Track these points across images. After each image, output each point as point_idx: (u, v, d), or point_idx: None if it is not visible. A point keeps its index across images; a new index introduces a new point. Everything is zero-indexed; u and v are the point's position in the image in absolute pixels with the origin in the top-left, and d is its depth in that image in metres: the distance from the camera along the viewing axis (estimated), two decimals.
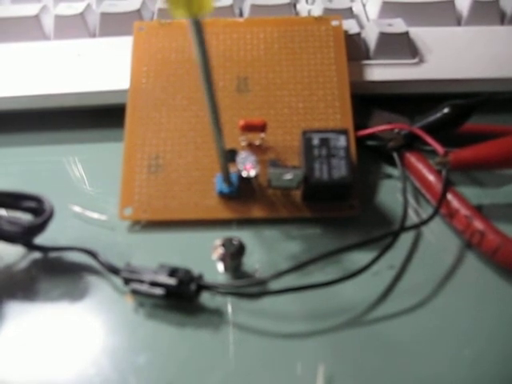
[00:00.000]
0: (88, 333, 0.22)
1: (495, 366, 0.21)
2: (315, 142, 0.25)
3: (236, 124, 0.26)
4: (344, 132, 0.25)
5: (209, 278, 0.22)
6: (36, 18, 0.32)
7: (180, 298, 0.22)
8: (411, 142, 0.27)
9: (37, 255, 0.25)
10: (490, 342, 0.21)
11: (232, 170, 0.25)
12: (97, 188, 0.28)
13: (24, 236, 0.23)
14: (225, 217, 0.25)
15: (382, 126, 0.27)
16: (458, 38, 0.31)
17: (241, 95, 0.28)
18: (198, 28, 0.17)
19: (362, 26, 0.32)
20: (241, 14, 0.33)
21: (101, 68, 0.30)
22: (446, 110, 0.26)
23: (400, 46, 0.30)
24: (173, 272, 0.22)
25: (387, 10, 0.32)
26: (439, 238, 0.25)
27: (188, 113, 0.28)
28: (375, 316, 0.22)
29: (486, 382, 0.20)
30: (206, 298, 0.23)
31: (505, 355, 0.21)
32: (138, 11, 0.32)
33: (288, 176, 0.24)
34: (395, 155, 0.27)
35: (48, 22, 0.32)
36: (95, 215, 0.26)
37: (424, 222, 0.24)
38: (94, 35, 0.32)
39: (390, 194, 0.27)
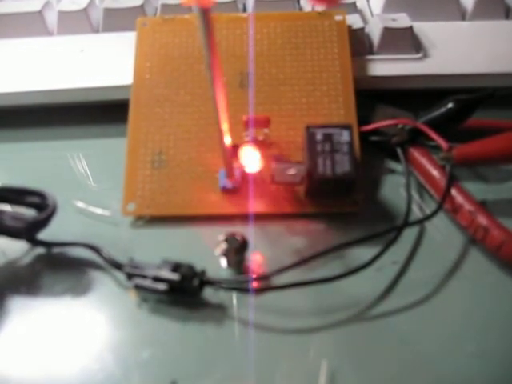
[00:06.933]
0: (91, 328, 0.22)
1: (500, 362, 0.20)
2: (319, 137, 0.25)
3: (239, 119, 0.26)
4: (347, 127, 0.25)
5: (212, 274, 0.22)
6: (39, 13, 0.32)
7: (183, 293, 0.22)
8: (415, 137, 0.27)
9: (40, 250, 0.25)
10: (494, 338, 0.21)
11: (235, 165, 0.25)
12: (100, 183, 0.28)
13: (27, 231, 0.23)
14: (228, 212, 0.25)
15: (385, 122, 0.27)
16: (462, 32, 0.31)
17: (244, 91, 0.28)
18: (206, 17, 0.17)
19: (365, 21, 0.31)
20: (244, 10, 0.33)
21: (104, 64, 0.30)
22: (450, 105, 0.26)
23: (404, 40, 0.30)
24: (176, 267, 0.22)
25: (391, 4, 0.32)
26: (443, 234, 0.25)
27: (191, 108, 0.28)
28: (378, 311, 0.22)
29: (490, 378, 0.20)
30: (209, 293, 0.23)
31: (510, 351, 0.21)
32: (142, 7, 0.32)
33: (291, 171, 0.24)
34: (399, 150, 0.27)
35: (51, 18, 0.33)
36: (98, 211, 0.26)
37: (428, 218, 0.24)
38: (97, 31, 0.32)
39: (394, 189, 0.27)
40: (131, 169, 0.26)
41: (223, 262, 0.23)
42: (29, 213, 0.24)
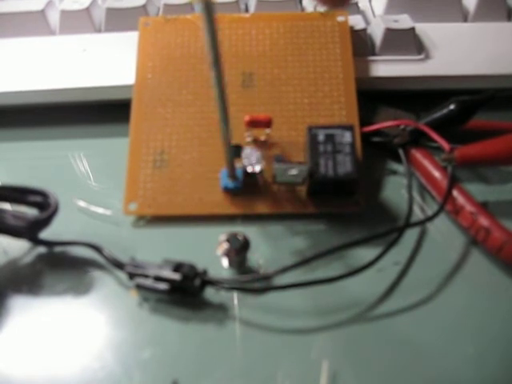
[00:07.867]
0: (92, 327, 0.22)
1: (500, 364, 0.20)
2: (320, 137, 0.25)
3: (241, 119, 0.26)
4: (349, 128, 0.25)
5: (213, 274, 0.22)
6: (42, 12, 0.32)
7: (184, 293, 0.22)
8: (417, 139, 0.27)
9: (42, 250, 0.25)
10: (495, 339, 0.21)
11: (237, 165, 0.25)
12: (102, 183, 0.28)
13: (29, 230, 0.23)
14: (229, 212, 0.25)
15: (387, 122, 0.27)
16: (464, 34, 0.31)
17: (246, 91, 0.28)
18: (210, 12, 0.17)
19: (367, 22, 0.31)
20: (246, 10, 0.33)
21: (106, 63, 0.30)
22: (451, 107, 0.26)
23: (406, 42, 0.30)
24: (177, 267, 0.22)
25: (393, 5, 0.32)
26: (444, 235, 0.25)
27: (193, 108, 0.28)
28: (380, 312, 0.22)
29: (490, 380, 0.20)
30: (210, 293, 0.23)
31: (510, 353, 0.21)
32: (144, 7, 0.32)
33: (293, 172, 0.24)
34: (401, 151, 0.27)
35: (54, 17, 0.33)
36: (100, 210, 0.26)
37: (429, 219, 0.24)
38: (99, 30, 0.32)
39: (396, 190, 0.27)
40: (133, 168, 0.26)
41: (225, 261, 0.23)
42: (31, 212, 0.24)
